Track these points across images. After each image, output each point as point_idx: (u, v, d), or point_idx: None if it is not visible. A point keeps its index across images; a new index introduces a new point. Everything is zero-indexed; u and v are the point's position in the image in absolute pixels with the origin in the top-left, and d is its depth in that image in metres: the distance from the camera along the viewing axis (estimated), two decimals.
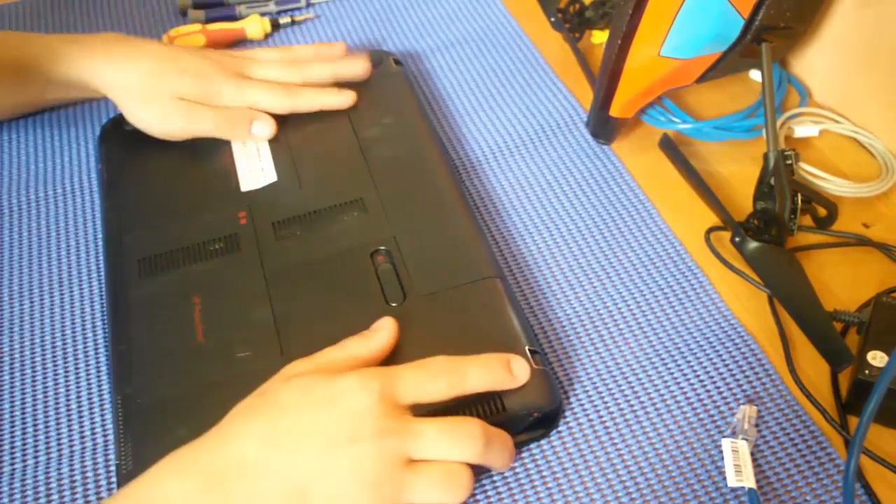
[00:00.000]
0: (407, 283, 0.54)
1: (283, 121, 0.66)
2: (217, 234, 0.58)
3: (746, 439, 0.49)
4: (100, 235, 0.63)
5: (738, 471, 0.48)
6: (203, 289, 0.55)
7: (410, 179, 0.62)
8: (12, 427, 0.53)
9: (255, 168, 0.63)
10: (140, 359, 0.52)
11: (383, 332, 0.50)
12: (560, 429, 0.51)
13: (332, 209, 0.59)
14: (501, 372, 0.48)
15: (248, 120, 0.65)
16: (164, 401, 0.50)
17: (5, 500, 0.50)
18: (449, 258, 0.56)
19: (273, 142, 0.65)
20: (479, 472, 0.48)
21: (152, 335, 0.54)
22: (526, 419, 0.49)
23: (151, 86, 0.64)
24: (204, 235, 0.59)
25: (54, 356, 0.56)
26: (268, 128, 0.65)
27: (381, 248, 0.57)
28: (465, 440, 0.44)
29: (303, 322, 0.53)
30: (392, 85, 0.70)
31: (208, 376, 0.50)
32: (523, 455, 0.50)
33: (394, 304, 0.53)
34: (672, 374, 0.54)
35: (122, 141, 0.67)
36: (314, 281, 0.55)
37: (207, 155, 0.65)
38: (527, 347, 0.51)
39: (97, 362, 0.56)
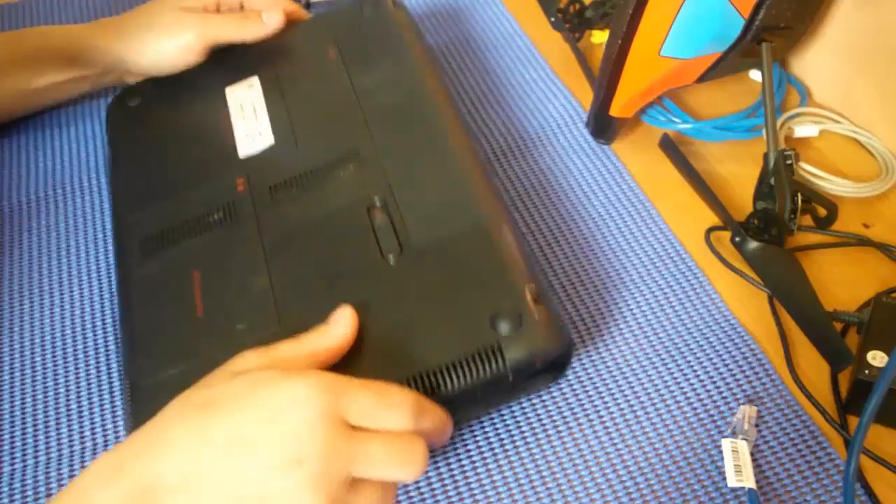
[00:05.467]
0: (403, 235, 0.51)
1: (278, 76, 0.65)
2: (216, 205, 0.57)
3: (746, 439, 0.49)
4: (99, 233, 0.63)
5: (738, 471, 0.48)
6: (203, 263, 0.54)
7: (408, 125, 0.58)
8: (12, 427, 0.53)
9: (252, 132, 0.61)
10: (144, 340, 0.52)
11: (341, 324, 0.46)
12: (560, 428, 0.51)
13: (328, 165, 0.57)
14: (443, 431, 0.45)
15: (257, 14, 0.67)
16: (168, 381, 0.49)
17: (5, 500, 0.50)
18: (448, 204, 0.53)
19: (270, 102, 0.63)
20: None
21: (155, 316, 0.52)
22: (530, 368, 0.47)
23: (156, 13, 0.66)
24: (203, 208, 0.57)
25: (54, 356, 0.56)
26: (276, 14, 0.67)
27: (378, 200, 0.54)
28: (410, 459, 0.41)
29: (300, 288, 0.51)
30: (389, 27, 0.66)
31: (210, 353, 0.47)
32: (523, 455, 0.50)
33: (391, 258, 0.51)
34: (672, 374, 0.54)
35: (125, 119, 0.66)
36: (311, 244, 0.53)
37: (206, 124, 0.63)
38: (527, 288, 0.48)
39: (97, 362, 0.56)
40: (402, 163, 0.56)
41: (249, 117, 0.63)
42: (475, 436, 0.51)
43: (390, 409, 0.42)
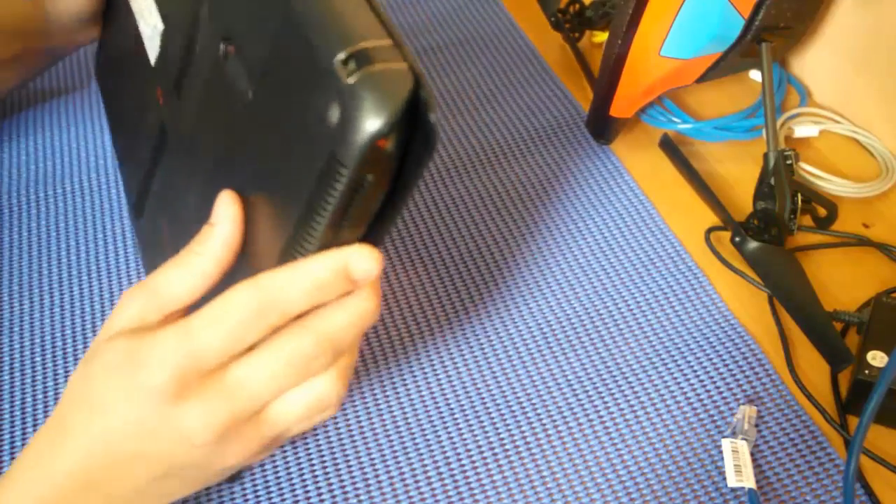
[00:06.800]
0: (253, 58, 0.39)
1: None
2: (153, 135, 0.50)
3: (746, 439, 0.49)
4: (99, 233, 0.63)
5: (738, 471, 0.48)
6: (165, 210, 0.48)
7: None
8: (12, 427, 0.53)
9: (152, 31, 0.52)
10: None
11: (222, 225, 0.38)
12: (560, 428, 0.51)
13: (190, 26, 0.45)
14: (338, 283, 0.35)
15: None
16: None
17: None
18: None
19: None
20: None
21: None
22: (382, 156, 0.34)
23: None
24: (151, 148, 0.50)
25: (54, 356, 0.56)
26: None
27: (227, 39, 0.41)
28: (301, 365, 0.35)
29: (212, 189, 0.42)
30: None
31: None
32: (523, 455, 0.50)
33: (250, 95, 0.39)
34: (672, 374, 0.54)
35: (101, 78, 0.66)
36: (204, 126, 0.44)
37: (130, 49, 0.56)
38: (335, 62, 0.32)
39: None
40: None
41: (147, 15, 0.53)
42: (475, 436, 0.51)
43: (238, 326, 0.35)
